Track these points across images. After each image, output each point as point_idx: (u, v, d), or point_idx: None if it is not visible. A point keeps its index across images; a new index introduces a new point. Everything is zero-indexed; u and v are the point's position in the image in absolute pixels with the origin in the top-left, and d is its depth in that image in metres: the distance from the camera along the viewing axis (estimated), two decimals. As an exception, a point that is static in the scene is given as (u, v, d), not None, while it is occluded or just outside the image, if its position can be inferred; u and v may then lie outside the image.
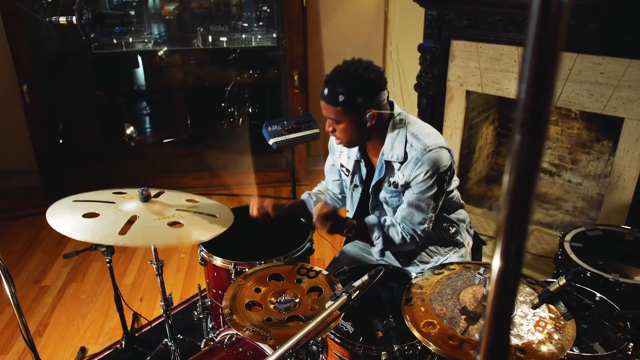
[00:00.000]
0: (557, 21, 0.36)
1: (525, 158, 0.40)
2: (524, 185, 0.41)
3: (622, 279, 1.86)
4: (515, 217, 0.42)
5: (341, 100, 1.74)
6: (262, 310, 1.47)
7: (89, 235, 1.50)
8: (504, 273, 0.45)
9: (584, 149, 3.79)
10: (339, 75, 1.76)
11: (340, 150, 2.10)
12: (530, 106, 0.38)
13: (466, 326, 1.32)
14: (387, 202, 2.02)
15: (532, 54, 0.37)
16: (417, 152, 1.85)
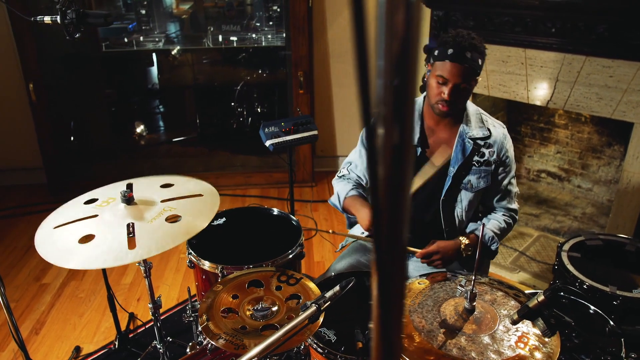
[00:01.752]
0: (408, 14, 0.32)
1: (390, 152, 0.36)
2: (394, 181, 0.37)
3: (619, 291, 1.79)
4: (388, 212, 0.39)
5: (479, 64, 1.82)
6: (238, 317, 1.44)
7: (101, 262, 1.44)
8: (383, 270, 0.42)
9: (595, 153, 3.70)
10: (475, 41, 1.80)
11: None
12: (388, 101, 0.34)
13: (444, 340, 1.27)
14: (471, 187, 1.98)
15: (385, 49, 0.33)
16: (500, 129, 2.00)
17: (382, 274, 0.42)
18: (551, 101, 3.10)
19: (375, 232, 0.41)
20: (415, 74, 0.35)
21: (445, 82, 1.81)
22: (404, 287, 0.44)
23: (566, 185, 3.92)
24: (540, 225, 3.55)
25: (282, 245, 2.10)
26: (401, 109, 0.34)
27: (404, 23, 0.32)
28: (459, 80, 1.79)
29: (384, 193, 0.38)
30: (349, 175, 2.16)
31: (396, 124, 0.34)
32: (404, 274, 0.43)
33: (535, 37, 3.03)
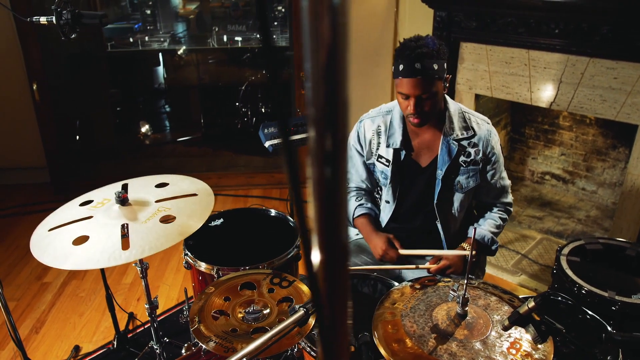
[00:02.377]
0: (333, 21, 0.31)
1: (322, 154, 0.36)
2: (329, 182, 0.37)
3: (618, 297, 1.76)
4: (323, 210, 0.39)
5: (436, 69, 1.75)
6: (229, 320, 1.43)
7: (95, 263, 1.45)
8: (327, 270, 0.41)
9: (599, 156, 3.66)
10: (423, 48, 1.73)
11: (378, 141, 2.02)
12: (316, 103, 0.34)
13: (435, 345, 1.26)
14: (461, 187, 1.98)
15: (311, 54, 0.32)
16: (485, 125, 1.97)
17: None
18: (555, 103, 3.07)
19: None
20: (345, 81, 0.34)
21: (407, 97, 1.81)
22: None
23: (570, 188, 3.89)
24: (543, 227, 3.52)
25: (279, 247, 2.09)
26: (334, 115, 0.33)
27: (329, 30, 0.31)
28: (417, 92, 1.77)
29: (318, 212, 0.37)
30: (348, 185, 2.16)
31: (328, 129, 0.33)
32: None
33: (539, 38, 3.01)
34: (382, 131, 2.01)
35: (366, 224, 2.06)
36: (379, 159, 2.04)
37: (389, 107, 2.06)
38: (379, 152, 2.03)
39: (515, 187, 4.06)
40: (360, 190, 2.16)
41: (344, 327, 0.44)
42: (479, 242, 2.00)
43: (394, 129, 1.98)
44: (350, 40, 0.34)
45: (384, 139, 2.01)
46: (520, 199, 3.89)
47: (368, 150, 2.06)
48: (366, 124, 2.06)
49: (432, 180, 1.99)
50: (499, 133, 3.93)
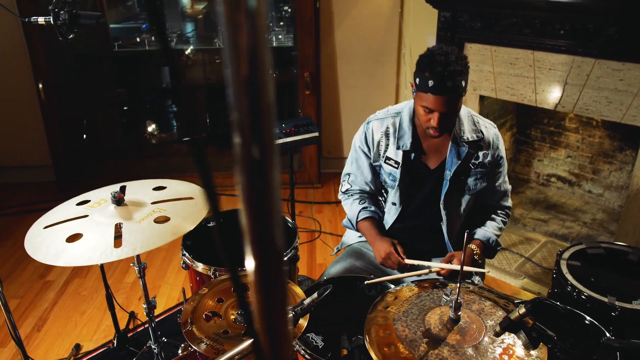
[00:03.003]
0: (251, 24, 0.30)
1: (249, 161, 0.35)
2: (257, 185, 0.36)
3: (618, 302, 1.74)
4: (254, 217, 0.38)
5: (464, 86, 1.75)
6: (221, 322, 1.42)
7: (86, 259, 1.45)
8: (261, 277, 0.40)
9: (606, 158, 3.62)
10: (454, 65, 1.69)
11: (386, 143, 2.00)
12: (239, 111, 0.33)
13: (426, 350, 1.24)
14: (469, 189, 1.99)
15: (232, 59, 0.31)
16: (492, 129, 1.99)
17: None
18: (560, 104, 3.04)
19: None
20: (267, 87, 0.33)
21: (431, 111, 1.79)
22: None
23: (576, 190, 3.85)
24: (548, 230, 3.49)
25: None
26: (258, 122, 0.32)
27: (248, 36, 0.30)
28: (444, 109, 1.75)
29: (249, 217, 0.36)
30: (352, 188, 2.14)
31: (254, 137, 0.32)
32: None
33: (544, 39, 2.98)
34: (390, 133, 1.99)
35: (370, 228, 2.05)
36: (387, 161, 2.02)
37: (397, 108, 2.04)
38: (387, 154, 2.01)
39: (520, 189, 4.03)
40: (363, 193, 2.15)
41: (284, 336, 0.43)
42: (484, 243, 2.00)
43: (404, 131, 1.96)
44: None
45: (392, 141, 1.99)
46: (525, 201, 3.86)
47: (375, 151, 2.04)
48: (374, 125, 2.03)
49: (440, 182, 1.99)
50: (504, 135, 3.91)
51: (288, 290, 1.56)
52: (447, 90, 1.70)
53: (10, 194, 4.15)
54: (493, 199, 2.10)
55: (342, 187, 2.18)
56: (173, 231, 1.53)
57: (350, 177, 2.14)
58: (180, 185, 1.87)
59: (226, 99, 0.35)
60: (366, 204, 2.11)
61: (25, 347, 2.69)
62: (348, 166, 2.16)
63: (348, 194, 2.15)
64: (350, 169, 2.14)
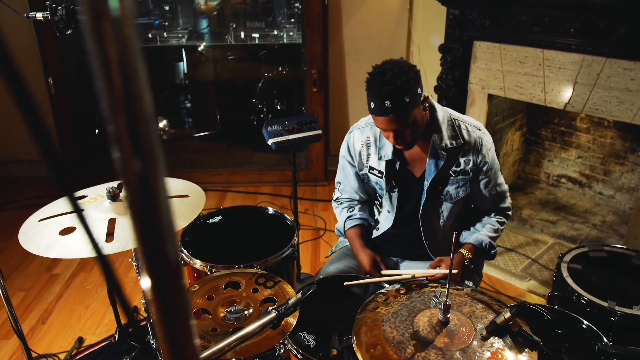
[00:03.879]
0: (118, 33, 0.29)
1: (131, 176, 0.34)
2: (142, 199, 0.35)
3: (618, 307, 1.70)
4: (143, 232, 0.37)
5: (408, 101, 1.66)
6: (210, 319, 1.42)
7: (77, 252, 1.47)
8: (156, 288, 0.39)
9: (618, 159, 3.55)
10: (389, 85, 1.63)
11: (367, 152, 1.97)
12: (116, 123, 0.32)
13: (413, 353, 1.22)
14: (450, 197, 1.93)
15: (101, 71, 0.30)
16: (475, 132, 1.89)
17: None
18: (569, 104, 2.98)
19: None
20: (144, 106, 0.31)
21: (384, 131, 1.78)
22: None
23: (587, 192, 3.78)
24: (556, 232, 3.43)
25: (276, 245, 2.08)
26: (136, 134, 0.31)
27: (117, 55, 0.29)
28: (394, 127, 1.71)
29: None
30: (342, 197, 2.16)
31: (133, 149, 0.31)
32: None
33: (554, 37, 2.93)
34: (371, 142, 1.96)
35: (355, 238, 2.04)
36: (371, 171, 1.99)
37: None
38: (370, 164, 1.98)
39: (529, 189, 3.98)
40: (353, 201, 2.14)
41: (189, 351, 0.42)
42: (477, 247, 1.94)
43: (384, 141, 1.92)
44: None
45: (374, 151, 1.96)
46: (534, 202, 3.80)
47: (359, 161, 2.01)
48: (355, 135, 2.00)
49: (421, 192, 1.94)
50: (514, 134, 3.86)
51: (282, 289, 1.56)
52: (388, 110, 1.66)
53: (20, 188, 4.20)
54: (486, 203, 2.02)
55: (334, 194, 2.20)
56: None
57: (340, 185, 2.15)
58: (178, 182, 1.87)
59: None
60: (353, 212, 2.09)
61: (30, 339, 2.73)
62: (338, 174, 2.17)
63: (338, 202, 2.17)
64: (339, 177, 2.15)
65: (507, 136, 3.80)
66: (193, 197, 1.73)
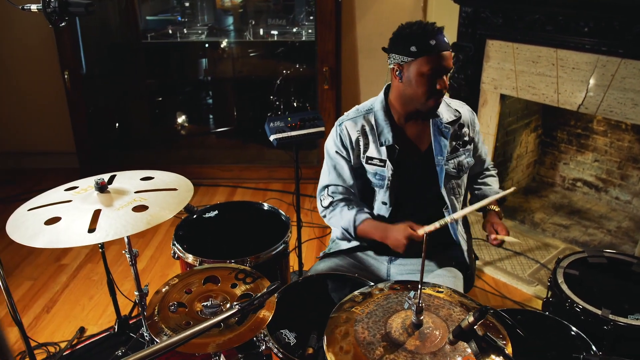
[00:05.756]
0: None
1: None
2: None
3: (612, 315, 1.64)
4: None
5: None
6: (186, 313, 1.42)
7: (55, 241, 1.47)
8: None
9: (635, 164, 3.44)
10: (433, 25, 1.74)
11: (365, 142, 1.92)
12: None
13: (381, 354, 1.20)
14: (462, 168, 1.97)
15: None
16: (463, 107, 2.02)
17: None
18: (583, 105, 2.90)
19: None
20: None
21: (437, 73, 1.75)
22: None
23: (603, 196, 3.67)
24: (568, 237, 3.34)
25: (270, 241, 2.08)
26: None
27: None
28: (450, 65, 1.77)
29: None
30: (335, 200, 1.99)
31: None
32: None
33: (568, 36, 2.85)
34: (367, 130, 1.92)
35: (375, 223, 1.90)
36: (369, 161, 1.93)
37: (366, 106, 1.98)
38: (368, 154, 1.93)
39: (544, 192, 3.88)
40: (349, 199, 2.00)
41: None
42: (498, 200, 2.00)
43: (382, 127, 1.90)
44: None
45: (372, 139, 1.92)
46: (548, 205, 3.71)
47: (355, 153, 1.95)
48: (347, 125, 1.94)
49: (432, 169, 1.93)
50: (529, 135, 3.78)
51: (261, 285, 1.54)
52: (447, 45, 1.75)
53: (37, 179, 4.29)
54: (479, 166, 2.15)
55: (323, 202, 2.02)
56: (148, 220, 1.53)
57: (330, 188, 2.00)
58: (168, 176, 1.87)
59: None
60: (359, 207, 1.98)
61: (33, 327, 2.78)
62: (324, 178, 2.03)
63: (332, 206, 1.99)
64: (328, 179, 2.00)
65: (521, 137, 3.71)
66: (181, 190, 1.73)
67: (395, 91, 1.87)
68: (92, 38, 4.67)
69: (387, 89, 1.96)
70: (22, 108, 4.29)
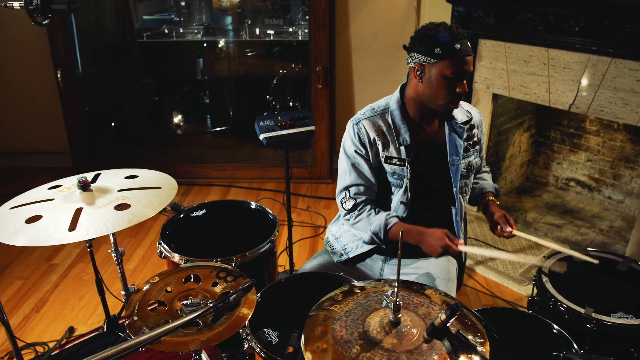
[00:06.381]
0: None
1: None
2: None
3: (595, 314, 1.63)
4: None
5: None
6: (165, 311, 1.41)
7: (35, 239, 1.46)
8: None
9: (628, 163, 3.43)
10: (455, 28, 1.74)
11: (383, 142, 1.89)
12: None
13: (358, 353, 1.19)
14: (472, 168, 2.01)
15: None
16: (473, 108, 2.04)
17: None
18: (574, 105, 2.89)
19: None
20: None
21: (459, 77, 1.75)
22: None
23: (596, 196, 3.67)
24: (560, 236, 3.33)
25: (257, 240, 2.07)
26: None
27: None
28: (471, 69, 1.78)
29: None
30: (358, 201, 1.93)
31: None
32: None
33: (559, 36, 2.84)
34: (385, 130, 1.89)
35: (410, 226, 1.87)
36: (388, 161, 1.90)
37: (381, 105, 1.96)
38: (386, 154, 1.89)
39: (537, 192, 3.88)
40: (373, 203, 1.96)
41: None
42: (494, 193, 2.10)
43: (399, 127, 1.89)
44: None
45: (391, 139, 1.89)
46: (541, 205, 3.70)
47: (373, 151, 1.90)
48: (365, 124, 1.90)
49: (446, 170, 1.94)
50: (522, 135, 3.78)
51: (241, 284, 1.53)
52: (470, 50, 1.76)
53: (30, 179, 4.28)
54: (481, 165, 2.19)
55: (345, 205, 1.95)
56: (129, 219, 1.52)
57: (352, 190, 1.93)
58: (153, 174, 1.87)
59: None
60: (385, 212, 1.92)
61: (23, 327, 2.77)
62: (345, 179, 1.95)
63: (358, 210, 1.93)
64: (350, 180, 1.94)
65: (514, 137, 3.71)
66: (164, 189, 1.72)
67: (414, 90, 1.86)
68: (88, 37, 4.67)
69: (402, 89, 1.95)
70: (16, 107, 4.28)
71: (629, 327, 1.62)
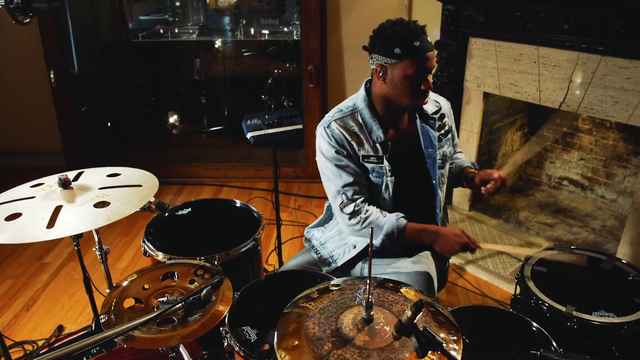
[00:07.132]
0: None
1: None
2: None
3: (576, 312, 1.63)
4: None
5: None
6: (141, 309, 1.41)
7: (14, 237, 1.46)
8: None
9: (621, 162, 3.42)
10: (415, 24, 1.73)
11: (357, 141, 1.85)
12: None
13: (329, 350, 1.19)
14: (446, 157, 2.01)
15: None
16: (440, 97, 2.05)
17: None
18: (564, 103, 2.88)
19: None
20: None
21: (422, 75, 1.74)
22: None
23: (589, 195, 3.66)
24: (552, 235, 3.32)
25: (241, 238, 2.07)
26: None
27: None
28: (433, 65, 1.77)
29: None
30: (358, 203, 1.86)
31: None
32: None
33: (549, 34, 2.84)
34: (356, 130, 1.87)
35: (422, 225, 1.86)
36: (365, 160, 1.87)
37: (348, 106, 1.92)
38: (362, 153, 1.87)
39: (530, 191, 3.87)
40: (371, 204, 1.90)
41: None
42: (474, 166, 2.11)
43: (370, 125, 1.87)
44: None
45: (364, 137, 1.87)
46: (533, 204, 3.69)
47: (354, 153, 1.86)
48: (335, 126, 1.86)
49: (422, 162, 1.93)
50: (514, 134, 3.77)
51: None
52: (430, 44, 1.74)
53: (26, 179, 4.27)
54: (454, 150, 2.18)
55: (346, 209, 1.86)
56: (108, 216, 1.52)
57: (348, 191, 1.86)
58: (135, 172, 1.87)
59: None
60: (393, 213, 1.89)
61: (12, 325, 2.77)
62: (336, 182, 1.87)
63: (362, 214, 1.86)
64: (342, 181, 1.86)
65: (506, 136, 3.70)
66: (145, 186, 1.72)
67: (379, 92, 1.85)
68: (84, 37, 4.67)
69: (367, 85, 1.93)
70: (10, 107, 4.29)
71: (610, 326, 1.61)
